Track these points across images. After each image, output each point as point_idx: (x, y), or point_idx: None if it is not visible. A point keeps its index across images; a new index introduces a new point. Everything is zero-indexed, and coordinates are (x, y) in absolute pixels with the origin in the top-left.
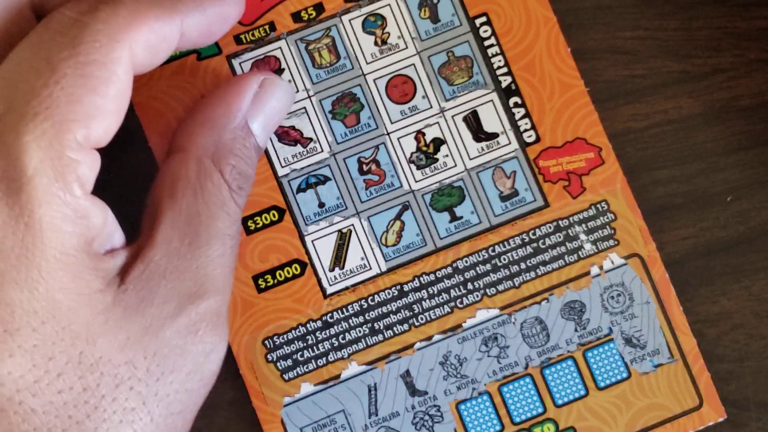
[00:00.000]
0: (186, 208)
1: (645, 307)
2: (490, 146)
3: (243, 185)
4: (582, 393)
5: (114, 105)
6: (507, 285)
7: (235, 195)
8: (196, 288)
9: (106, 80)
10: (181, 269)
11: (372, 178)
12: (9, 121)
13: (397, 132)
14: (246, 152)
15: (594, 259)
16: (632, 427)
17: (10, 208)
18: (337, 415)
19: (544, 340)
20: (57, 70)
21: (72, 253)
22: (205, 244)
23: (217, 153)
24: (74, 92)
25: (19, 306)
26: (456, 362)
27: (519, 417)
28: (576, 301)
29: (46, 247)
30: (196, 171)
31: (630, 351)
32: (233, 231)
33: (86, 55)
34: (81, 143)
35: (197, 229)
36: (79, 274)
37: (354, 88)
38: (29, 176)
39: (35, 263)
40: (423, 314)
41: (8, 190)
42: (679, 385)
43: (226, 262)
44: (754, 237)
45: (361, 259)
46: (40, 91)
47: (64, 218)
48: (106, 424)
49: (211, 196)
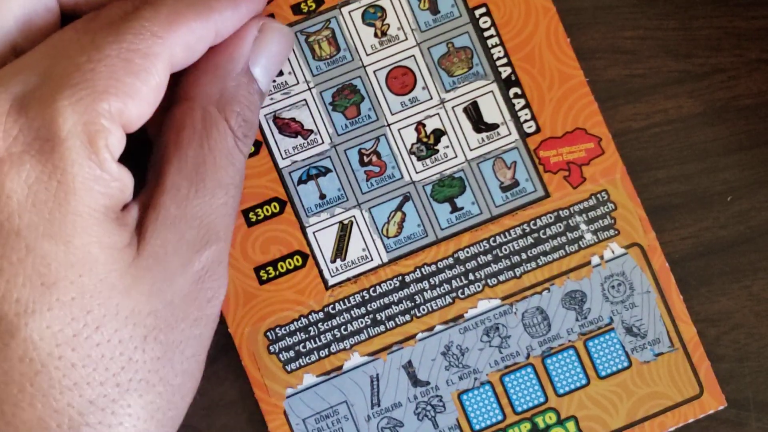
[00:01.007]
0: (192, 156)
1: (645, 296)
2: (490, 137)
3: (248, 133)
4: (583, 382)
5: (150, 95)
6: (508, 275)
7: (240, 143)
8: (200, 236)
9: (147, 69)
10: (188, 217)
11: (373, 170)
12: (48, 87)
13: (398, 123)
14: (250, 98)
15: (594, 248)
16: (633, 415)
17: (44, 166)
18: (339, 406)
19: (545, 330)
20: (102, 49)
21: (102, 210)
22: (210, 193)
23: (221, 101)
24: (116, 71)
25: (55, 259)
26: (458, 352)
27: (521, 406)
28: (577, 291)
29: (78, 203)
30: (201, 119)
31: (631, 340)
32: (237, 180)
33: (130, 43)
34: (114, 115)
35: (203, 177)
36: (109, 229)
37: (354, 79)
38: (63, 137)
39: (69, 218)
40: (424, 305)
41: (42, 149)
42: (680, 373)
43: (229, 210)
44: (754, 237)
45: (362, 250)
46: (84, 65)
47: (95, 179)
48: (138, 374)
49: (217, 145)
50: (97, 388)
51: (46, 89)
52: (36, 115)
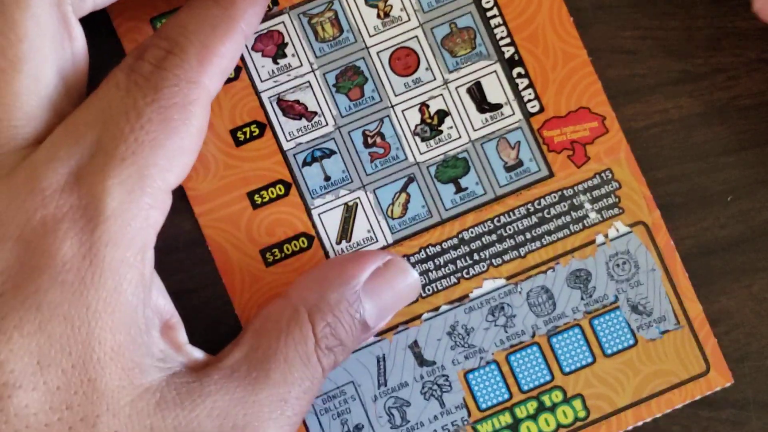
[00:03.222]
0: (265, 346)
1: (650, 274)
2: (494, 117)
3: (334, 348)
4: (589, 360)
5: (192, 142)
6: (513, 255)
7: (321, 354)
8: (245, 421)
9: (186, 121)
10: (237, 397)
11: (377, 151)
12: (99, 162)
13: (401, 104)
14: (348, 320)
15: (599, 227)
16: (640, 393)
17: (81, 244)
18: (346, 387)
19: (550, 309)
20: (143, 114)
21: (123, 307)
22: (269, 384)
23: (315, 307)
24: (157, 137)
25: (58, 341)
26: (463, 332)
27: (527, 385)
28: (582, 270)
29: (100, 287)
30: (288, 316)
31: (636, 318)
32: (306, 385)
33: (167, 99)
34: (160, 187)
35: (268, 366)
36: (123, 332)
37: (357, 61)
38: (106, 216)
39: (85, 301)
40: (430, 285)
41: (85, 227)
42: (686, 351)
43: (287, 411)
44: (755, 236)
45: (367, 231)
46: (128, 135)
47: (124, 262)
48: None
49: (295, 344)
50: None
51: (99, 162)
52: (87, 192)
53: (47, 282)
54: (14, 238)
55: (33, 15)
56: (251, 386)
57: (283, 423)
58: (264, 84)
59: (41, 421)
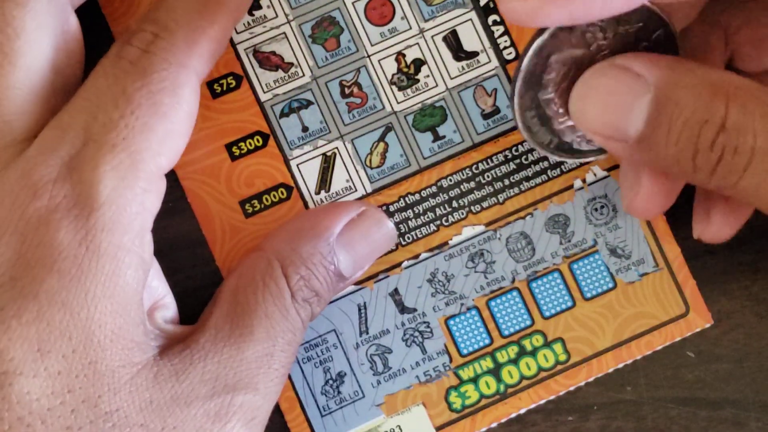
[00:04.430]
0: (244, 302)
1: (628, 217)
2: (470, 65)
3: (310, 300)
4: (569, 304)
5: (183, 126)
6: (491, 201)
7: (298, 306)
8: (235, 380)
9: (176, 105)
10: (225, 357)
11: (354, 101)
12: (90, 151)
13: (378, 54)
14: (323, 272)
15: (576, 172)
16: (620, 335)
17: (77, 232)
18: (328, 335)
19: (529, 254)
20: (132, 100)
21: (122, 291)
22: (254, 341)
23: (289, 259)
24: (147, 121)
25: (58, 327)
26: (443, 279)
27: (508, 330)
28: (560, 215)
29: (98, 272)
30: (262, 270)
31: (615, 261)
32: (289, 337)
33: (156, 83)
34: (153, 172)
35: (251, 323)
36: (123, 314)
37: (333, 11)
38: (100, 203)
39: (84, 287)
40: (409, 233)
41: (80, 215)
42: (665, 293)
43: (273, 365)
44: (754, 237)
45: (346, 181)
46: (118, 122)
47: (121, 247)
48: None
49: (273, 298)
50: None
51: (90, 151)
52: (79, 181)
53: (44, 271)
54: (9, 232)
55: (31, 10)
56: (237, 345)
57: (271, 376)
58: (240, 36)
59: (44, 406)
